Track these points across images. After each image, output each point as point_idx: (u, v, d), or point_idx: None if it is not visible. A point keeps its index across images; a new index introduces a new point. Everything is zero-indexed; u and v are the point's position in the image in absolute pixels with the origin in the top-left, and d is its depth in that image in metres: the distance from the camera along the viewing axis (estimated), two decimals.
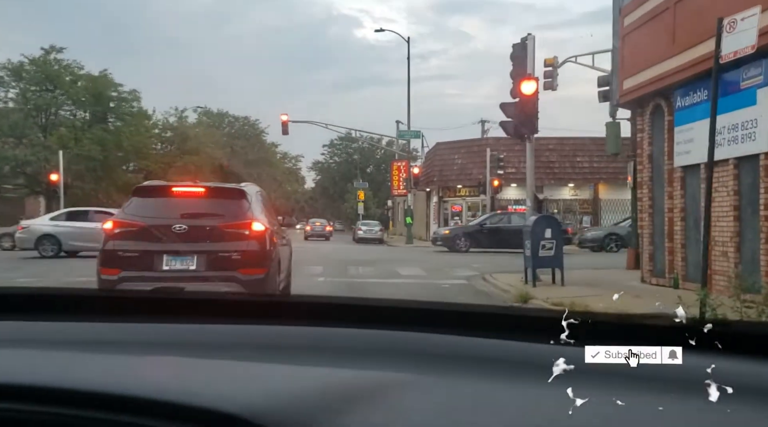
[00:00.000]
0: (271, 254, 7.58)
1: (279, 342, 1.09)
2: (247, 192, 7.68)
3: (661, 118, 11.45)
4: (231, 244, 7.25)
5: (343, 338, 1.08)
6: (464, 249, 23.78)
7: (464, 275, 14.70)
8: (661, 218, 11.41)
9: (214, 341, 1.09)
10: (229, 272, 7.09)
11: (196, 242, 7.15)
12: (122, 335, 1.12)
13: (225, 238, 7.25)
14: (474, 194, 33.80)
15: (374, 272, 15.47)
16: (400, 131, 36.54)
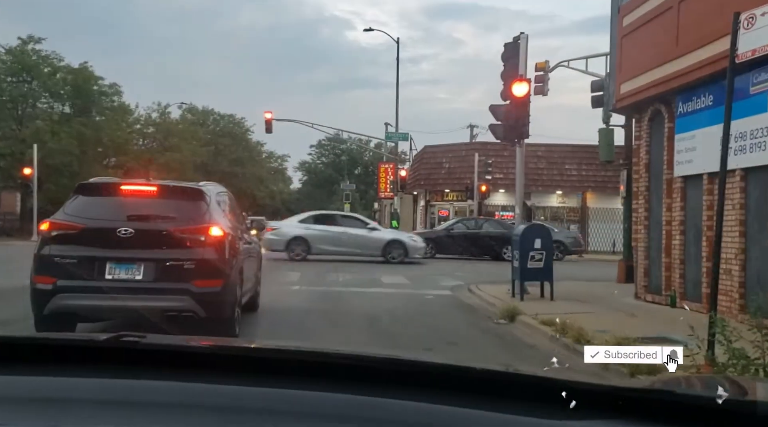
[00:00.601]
0: (231, 263, 6.78)
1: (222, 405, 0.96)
2: (205, 192, 6.87)
3: (660, 124, 10.76)
4: (184, 251, 6.44)
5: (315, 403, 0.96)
6: (429, 255, 22.53)
7: (449, 285, 13.95)
8: (659, 230, 10.71)
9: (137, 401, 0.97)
10: (181, 283, 6.28)
11: (144, 248, 6.33)
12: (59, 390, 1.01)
13: (177, 244, 6.43)
14: (461, 199, 33.14)
15: (355, 280, 14.68)
16: (388, 133, 35.78)
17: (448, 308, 10.83)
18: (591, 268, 20.91)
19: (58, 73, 35.28)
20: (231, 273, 6.78)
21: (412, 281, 14.84)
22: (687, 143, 9.88)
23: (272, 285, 12.38)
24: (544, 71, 19.95)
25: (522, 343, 8.00)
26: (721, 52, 8.62)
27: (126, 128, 41.19)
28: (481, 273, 16.48)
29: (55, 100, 36.06)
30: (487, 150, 32.10)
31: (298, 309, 9.95)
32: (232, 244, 6.95)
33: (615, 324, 8.59)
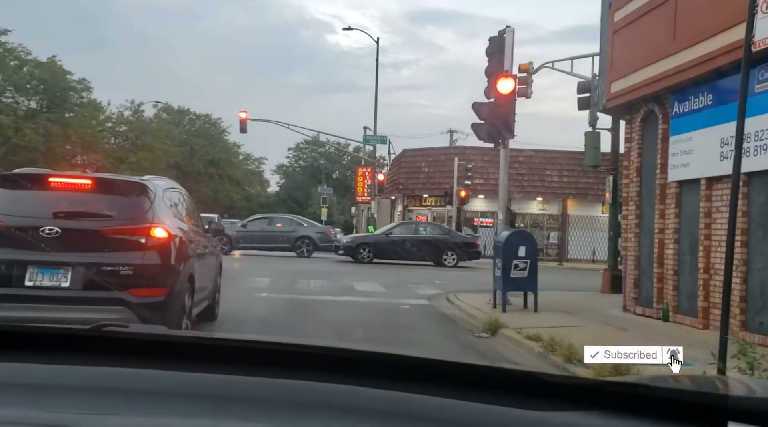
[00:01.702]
0: (177, 269, 5.92)
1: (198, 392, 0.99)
2: (149, 187, 5.99)
3: (654, 126, 10.10)
4: (121, 254, 5.56)
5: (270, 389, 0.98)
6: (367, 260, 22.02)
7: (426, 294, 13.17)
8: (650, 239, 10.03)
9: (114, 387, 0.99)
10: (116, 292, 5.39)
11: (72, 250, 5.44)
12: None
13: (113, 246, 5.56)
14: (440, 204, 32.42)
15: (327, 287, 13.83)
16: (366, 136, 34.97)
17: (425, 320, 10.04)
18: (572, 277, 20.32)
19: (25, 66, 33.93)
20: (178, 280, 5.92)
21: (388, 288, 14.03)
22: (683, 146, 9.22)
23: (238, 292, 11.53)
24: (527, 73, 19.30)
25: (506, 360, 7.23)
26: (722, 47, 7.98)
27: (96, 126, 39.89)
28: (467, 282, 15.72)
29: (21, 95, 34.66)
30: (467, 155, 31.49)
31: (261, 320, 9.09)
32: (180, 247, 6.09)
33: (606, 340, 7.88)
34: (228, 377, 1.02)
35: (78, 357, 1.07)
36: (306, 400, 0.96)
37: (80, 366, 1.05)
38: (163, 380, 1.01)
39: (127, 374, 1.02)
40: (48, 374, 1.03)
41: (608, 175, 15.19)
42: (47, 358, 1.07)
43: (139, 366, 1.04)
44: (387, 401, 0.93)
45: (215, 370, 1.03)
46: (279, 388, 0.98)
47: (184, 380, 1.02)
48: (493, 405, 0.90)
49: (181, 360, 1.07)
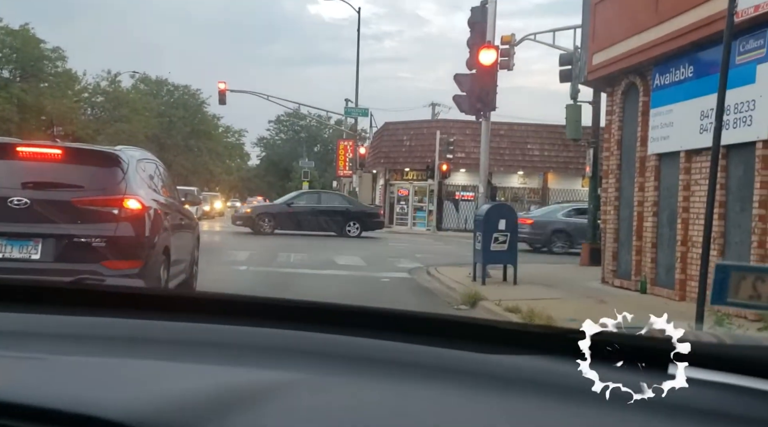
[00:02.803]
0: (152, 242, 5.79)
1: (172, 338, 1.03)
2: (122, 157, 5.82)
3: (635, 98, 10.07)
4: (93, 226, 5.43)
5: (243, 336, 1.03)
6: (269, 231, 21.35)
7: (407, 267, 13.17)
8: (629, 211, 10.08)
9: (97, 335, 1.03)
10: (88, 264, 5.27)
11: (43, 222, 5.29)
12: None
13: (84, 218, 5.42)
14: (422, 178, 32.36)
15: (307, 261, 13.76)
16: (347, 108, 34.63)
17: (406, 293, 10.04)
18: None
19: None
20: (152, 253, 5.80)
21: (369, 262, 14.01)
22: (663, 118, 9.22)
23: (216, 265, 11.43)
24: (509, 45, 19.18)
25: None
26: (705, 18, 7.92)
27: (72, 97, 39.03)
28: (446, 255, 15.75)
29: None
30: (449, 128, 31.36)
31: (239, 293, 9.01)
32: (155, 219, 5.96)
33: (585, 312, 7.92)
34: (202, 325, 1.06)
35: (57, 308, 1.11)
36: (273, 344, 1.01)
37: (60, 316, 1.08)
38: (138, 328, 1.06)
39: (104, 323, 1.07)
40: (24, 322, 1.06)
41: (589, 149, 15.21)
42: (26, 308, 1.10)
43: (116, 316, 1.08)
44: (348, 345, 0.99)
45: (189, 319, 1.08)
46: (252, 335, 1.04)
47: (158, 327, 1.06)
48: (450, 349, 0.95)
49: (157, 311, 1.11)
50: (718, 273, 0.95)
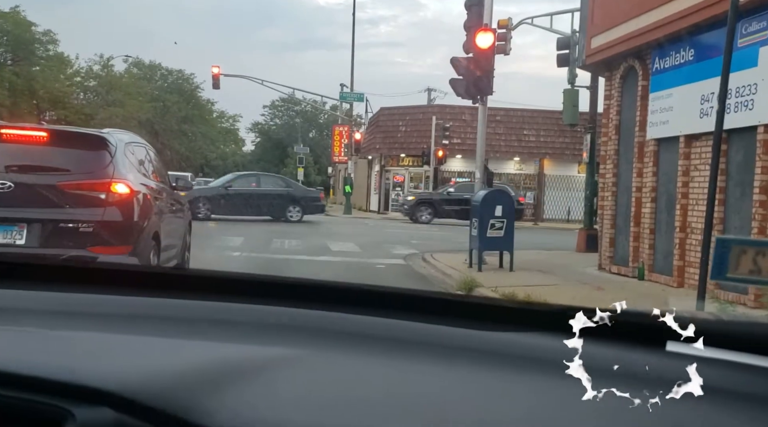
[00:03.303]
0: (140, 227, 5.67)
1: (167, 315, 1.04)
2: (109, 140, 5.68)
3: (633, 82, 9.93)
4: (80, 211, 5.30)
5: (237, 313, 1.04)
6: (203, 216, 20.46)
7: (402, 254, 13.06)
8: (627, 197, 9.97)
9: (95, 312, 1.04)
10: (74, 250, 5.13)
11: (28, 206, 5.15)
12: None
13: (71, 202, 5.29)
14: (417, 164, 32.18)
15: (301, 247, 13.65)
16: (342, 93, 34.32)
17: (401, 279, 9.93)
18: (547, 236, 20.36)
19: None
20: (141, 238, 5.68)
21: (364, 248, 13.90)
22: (662, 103, 9.08)
23: (210, 250, 11.34)
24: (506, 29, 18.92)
25: None
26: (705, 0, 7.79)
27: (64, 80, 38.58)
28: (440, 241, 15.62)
29: None
30: (444, 113, 31.16)
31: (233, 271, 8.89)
32: (144, 204, 5.83)
33: (582, 298, 7.87)
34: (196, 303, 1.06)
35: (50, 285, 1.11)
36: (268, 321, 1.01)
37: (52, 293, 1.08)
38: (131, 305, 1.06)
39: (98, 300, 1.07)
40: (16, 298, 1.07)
41: (586, 134, 15.06)
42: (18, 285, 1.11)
43: (110, 293, 1.09)
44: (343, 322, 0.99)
45: (183, 297, 1.08)
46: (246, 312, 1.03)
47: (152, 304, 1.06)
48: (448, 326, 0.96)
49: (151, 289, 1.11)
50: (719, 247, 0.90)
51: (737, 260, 0.92)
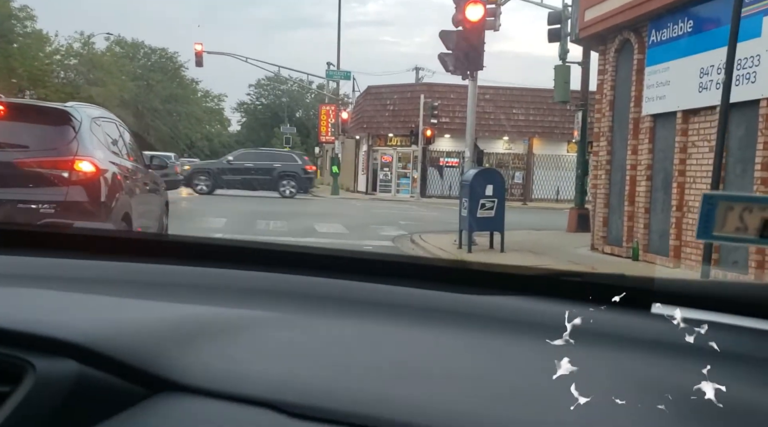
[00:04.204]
0: (108, 208, 5.28)
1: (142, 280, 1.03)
2: (72, 115, 5.26)
3: (629, 56, 9.58)
4: (41, 191, 4.92)
5: (215, 277, 1.04)
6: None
7: (391, 235, 12.74)
8: (621, 176, 9.68)
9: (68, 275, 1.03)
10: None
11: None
12: None
13: (30, 181, 4.90)
14: (405, 144, 31.77)
15: (287, 229, 13.28)
16: (329, 71, 33.69)
17: None
18: (537, 216, 20.14)
19: None
20: (110, 219, 5.29)
21: (351, 229, 13.56)
22: (659, 77, 8.75)
23: (191, 232, 10.93)
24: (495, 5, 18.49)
25: None
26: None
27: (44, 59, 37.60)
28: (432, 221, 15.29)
29: None
30: (433, 92, 30.70)
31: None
32: (112, 183, 5.43)
33: None
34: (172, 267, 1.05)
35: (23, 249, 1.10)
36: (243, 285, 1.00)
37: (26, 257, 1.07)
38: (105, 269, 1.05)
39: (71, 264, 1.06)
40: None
41: (577, 112, 14.74)
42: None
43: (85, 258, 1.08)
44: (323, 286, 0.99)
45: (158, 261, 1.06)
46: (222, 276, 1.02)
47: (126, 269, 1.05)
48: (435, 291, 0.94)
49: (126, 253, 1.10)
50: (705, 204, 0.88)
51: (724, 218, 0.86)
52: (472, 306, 0.90)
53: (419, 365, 0.76)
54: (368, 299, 0.95)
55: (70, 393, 0.66)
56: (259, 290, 0.99)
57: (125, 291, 0.95)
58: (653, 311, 0.82)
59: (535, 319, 0.84)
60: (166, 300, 0.92)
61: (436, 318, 0.88)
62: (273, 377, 0.70)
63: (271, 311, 0.90)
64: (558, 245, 11.18)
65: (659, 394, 0.67)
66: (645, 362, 0.74)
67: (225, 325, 0.82)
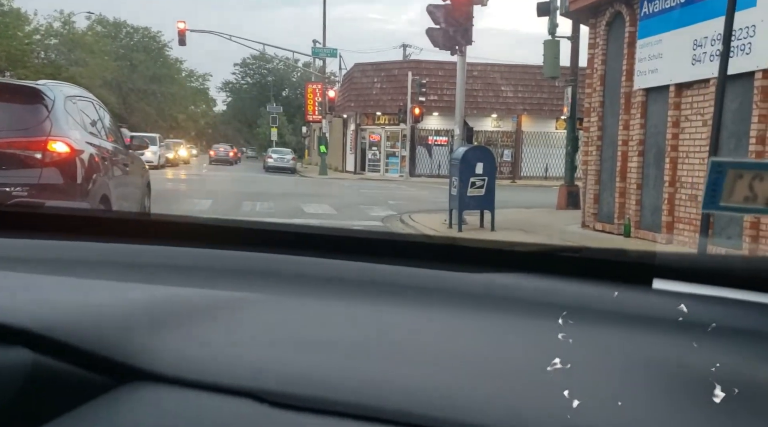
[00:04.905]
0: (85, 190, 5.08)
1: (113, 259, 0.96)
2: (45, 93, 5.02)
3: (620, 29, 9.39)
4: (12, 173, 4.70)
5: (189, 257, 0.97)
6: None
7: (380, 215, 12.58)
8: (613, 151, 9.54)
9: (24, 256, 0.96)
10: None
11: None
12: None
13: (2, 163, 4.68)
14: (394, 123, 31.48)
15: (273, 210, 13.08)
16: (315, 49, 33.19)
17: None
18: (526, 193, 20.06)
19: None
20: (86, 202, 5.09)
21: (339, 210, 13.39)
22: (651, 50, 8.58)
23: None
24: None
25: None
26: None
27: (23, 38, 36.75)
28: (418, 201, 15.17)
29: None
30: (421, 69, 30.37)
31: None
32: (89, 164, 5.21)
33: None
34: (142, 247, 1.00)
35: None
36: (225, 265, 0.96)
37: None
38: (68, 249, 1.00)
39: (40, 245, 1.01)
40: None
41: (567, 88, 14.55)
42: None
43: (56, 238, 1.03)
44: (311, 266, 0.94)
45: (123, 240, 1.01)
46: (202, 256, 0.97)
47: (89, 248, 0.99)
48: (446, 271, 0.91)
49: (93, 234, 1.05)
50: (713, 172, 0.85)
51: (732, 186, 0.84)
52: (466, 284, 0.87)
53: (409, 347, 0.72)
54: (354, 278, 0.91)
55: (24, 385, 0.59)
56: (236, 270, 0.93)
57: (89, 272, 0.88)
58: (654, 287, 0.80)
59: (532, 296, 0.82)
60: (134, 281, 0.86)
61: (426, 297, 0.84)
62: (252, 364, 0.65)
63: (249, 291, 0.85)
64: (548, 223, 11.07)
65: (661, 370, 0.65)
66: (646, 339, 0.72)
67: (199, 307, 0.77)
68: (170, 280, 0.87)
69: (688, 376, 0.65)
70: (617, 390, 0.62)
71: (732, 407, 0.60)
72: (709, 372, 0.65)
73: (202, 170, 32.08)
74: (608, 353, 0.70)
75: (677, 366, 0.66)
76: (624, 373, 0.65)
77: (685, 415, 0.59)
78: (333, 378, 0.63)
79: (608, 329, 0.74)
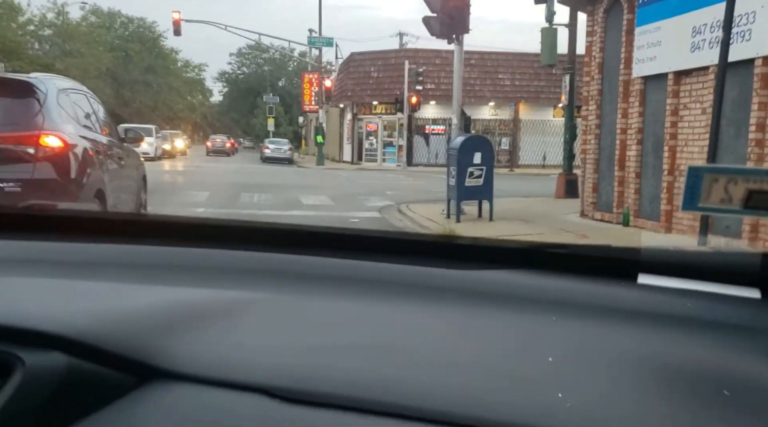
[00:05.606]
0: (79, 185, 5.03)
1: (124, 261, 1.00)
2: (36, 86, 4.95)
3: (618, 16, 9.31)
4: (4, 169, 4.65)
5: (199, 257, 1.01)
6: None
7: (377, 206, 12.53)
8: (611, 140, 9.49)
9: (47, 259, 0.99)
10: None
11: None
12: None
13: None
14: (391, 112, 31.35)
15: (271, 201, 13.03)
16: (310, 38, 32.98)
17: None
18: (524, 182, 20.04)
19: None
20: (81, 197, 5.04)
21: (337, 201, 13.34)
22: (650, 37, 8.51)
23: (171, 207, 10.71)
24: None
25: None
26: None
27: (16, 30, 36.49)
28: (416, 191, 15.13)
29: None
30: (417, 58, 30.20)
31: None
32: (83, 158, 5.16)
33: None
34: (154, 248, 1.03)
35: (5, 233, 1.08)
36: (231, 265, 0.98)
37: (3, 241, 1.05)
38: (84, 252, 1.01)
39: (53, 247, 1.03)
40: None
41: (564, 76, 14.46)
42: None
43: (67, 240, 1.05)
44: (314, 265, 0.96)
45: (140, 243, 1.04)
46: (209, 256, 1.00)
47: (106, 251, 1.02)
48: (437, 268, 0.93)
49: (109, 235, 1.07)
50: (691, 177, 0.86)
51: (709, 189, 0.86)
52: (461, 282, 0.89)
53: (414, 345, 0.74)
54: (361, 277, 0.93)
55: (60, 386, 0.64)
56: (248, 271, 0.96)
57: (110, 275, 0.92)
58: (639, 282, 0.82)
59: (522, 292, 0.84)
60: (152, 284, 0.89)
61: (427, 295, 0.86)
62: (265, 362, 0.69)
63: (259, 291, 0.88)
64: (547, 212, 11.04)
65: (646, 364, 0.66)
66: (632, 333, 0.73)
67: (212, 307, 0.81)
68: (184, 282, 0.91)
69: (674, 369, 0.66)
70: (604, 384, 0.63)
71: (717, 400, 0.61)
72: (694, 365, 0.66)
73: (199, 161, 31.99)
74: (595, 346, 0.71)
75: (663, 359, 0.67)
76: (611, 366, 0.66)
77: (671, 408, 0.59)
78: (342, 375, 0.66)
79: (595, 324, 0.75)
